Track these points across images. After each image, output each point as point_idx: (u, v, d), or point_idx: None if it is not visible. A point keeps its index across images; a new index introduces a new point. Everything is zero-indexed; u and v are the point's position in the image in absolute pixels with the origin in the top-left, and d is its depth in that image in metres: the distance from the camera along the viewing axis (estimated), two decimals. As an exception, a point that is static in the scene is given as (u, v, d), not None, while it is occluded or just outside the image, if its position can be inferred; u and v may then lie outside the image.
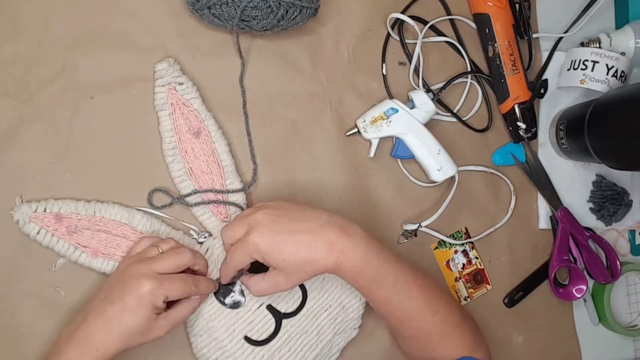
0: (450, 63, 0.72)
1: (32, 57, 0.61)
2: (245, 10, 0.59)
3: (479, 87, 0.72)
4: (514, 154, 0.72)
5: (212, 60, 0.65)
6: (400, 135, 0.67)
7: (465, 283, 0.71)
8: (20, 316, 0.59)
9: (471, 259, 0.71)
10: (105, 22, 0.63)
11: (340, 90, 0.69)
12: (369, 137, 0.67)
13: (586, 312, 0.74)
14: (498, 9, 0.69)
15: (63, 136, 0.61)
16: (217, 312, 0.60)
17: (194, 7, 0.61)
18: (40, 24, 0.61)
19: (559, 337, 0.73)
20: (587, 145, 0.65)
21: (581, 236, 0.72)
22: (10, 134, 0.60)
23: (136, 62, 0.63)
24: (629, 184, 0.76)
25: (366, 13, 0.70)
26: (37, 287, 0.60)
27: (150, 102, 0.63)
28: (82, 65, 0.62)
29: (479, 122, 0.72)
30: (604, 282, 0.72)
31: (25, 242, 0.59)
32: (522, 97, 0.70)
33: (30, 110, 0.61)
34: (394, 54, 0.70)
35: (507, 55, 0.69)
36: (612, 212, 0.74)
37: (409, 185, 0.70)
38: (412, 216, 0.70)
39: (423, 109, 0.67)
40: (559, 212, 0.72)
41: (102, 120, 0.62)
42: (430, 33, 0.71)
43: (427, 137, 0.67)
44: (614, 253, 0.71)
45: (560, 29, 0.75)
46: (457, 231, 0.71)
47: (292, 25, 0.62)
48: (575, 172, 0.74)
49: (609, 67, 0.68)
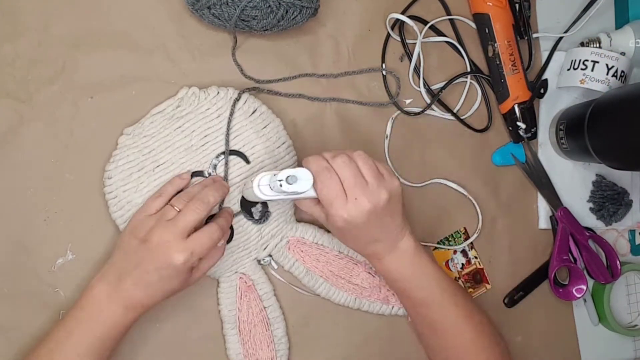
0: (450, 63, 0.72)
1: (32, 57, 0.61)
2: (245, 10, 0.59)
3: (479, 87, 0.72)
4: (514, 154, 0.72)
5: (213, 60, 0.65)
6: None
7: (465, 283, 0.71)
8: (21, 316, 0.59)
9: (470, 258, 0.71)
10: (105, 22, 0.63)
11: (340, 90, 0.69)
12: (266, 197, 0.60)
13: (586, 312, 0.74)
14: (498, 8, 0.69)
15: (63, 136, 0.61)
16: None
17: (193, 7, 0.61)
18: (40, 24, 0.61)
19: (558, 337, 0.73)
20: (587, 145, 0.65)
21: (581, 236, 0.72)
22: (10, 134, 0.60)
23: (136, 62, 0.63)
24: (629, 184, 0.76)
25: (366, 13, 0.70)
26: (37, 287, 0.60)
27: (150, 101, 0.62)
28: (82, 65, 0.62)
29: (479, 122, 0.72)
30: (604, 282, 0.72)
31: (25, 242, 0.60)
32: (522, 97, 0.70)
33: (30, 110, 0.61)
34: (394, 54, 0.70)
35: (507, 55, 0.69)
36: (612, 212, 0.74)
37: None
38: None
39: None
40: (559, 212, 0.72)
41: (102, 120, 0.62)
42: (430, 33, 0.71)
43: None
44: (614, 253, 0.71)
45: (560, 29, 0.75)
46: (456, 231, 0.71)
47: (292, 25, 0.62)
48: (575, 172, 0.74)
49: (609, 67, 0.68)
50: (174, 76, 0.64)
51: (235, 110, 0.62)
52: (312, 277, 0.65)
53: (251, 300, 0.63)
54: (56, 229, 0.61)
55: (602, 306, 0.73)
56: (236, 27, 0.62)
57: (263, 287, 0.64)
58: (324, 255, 0.65)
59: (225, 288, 0.63)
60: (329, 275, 0.65)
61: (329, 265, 0.65)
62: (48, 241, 0.60)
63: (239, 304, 0.63)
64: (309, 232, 0.65)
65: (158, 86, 0.63)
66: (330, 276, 0.65)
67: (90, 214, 0.61)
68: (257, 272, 0.64)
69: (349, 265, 0.65)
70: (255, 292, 0.64)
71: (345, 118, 0.68)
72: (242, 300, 0.63)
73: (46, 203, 0.61)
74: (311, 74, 0.67)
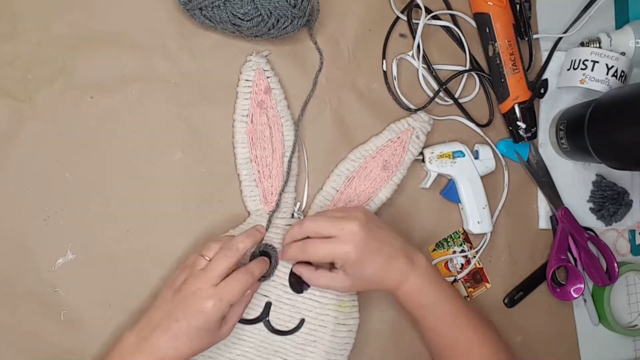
0: (450, 61, 0.72)
1: (32, 57, 0.61)
2: (236, 15, 0.59)
3: (481, 86, 0.72)
4: (517, 151, 0.72)
5: (213, 60, 0.65)
6: (457, 178, 0.68)
7: (465, 283, 0.71)
8: (20, 316, 0.59)
9: (469, 258, 0.71)
10: (105, 22, 0.63)
11: (340, 90, 0.69)
12: (431, 169, 0.68)
13: (586, 312, 0.74)
14: (498, 8, 0.69)
15: (63, 136, 0.61)
16: None
17: (185, 7, 0.61)
18: (40, 24, 0.61)
19: (558, 337, 0.73)
20: (587, 145, 0.65)
21: (581, 237, 0.72)
22: (10, 134, 0.60)
23: (136, 62, 0.63)
24: (629, 184, 0.76)
25: (366, 13, 0.70)
26: (37, 287, 0.60)
27: (150, 101, 0.63)
28: (82, 65, 0.62)
29: (478, 121, 0.72)
30: (601, 284, 0.72)
31: (26, 242, 0.60)
32: (522, 96, 0.70)
33: (30, 110, 0.61)
34: (394, 53, 0.70)
35: (507, 55, 0.69)
36: (612, 212, 0.74)
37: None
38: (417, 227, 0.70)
39: (485, 162, 0.70)
40: (559, 212, 0.72)
41: (102, 120, 0.62)
42: (430, 33, 0.71)
43: (480, 189, 0.69)
44: (612, 256, 0.71)
45: (560, 29, 0.75)
46: (455, 232, 0.71)
47: (282, 34, 0.62)
48: (575, 172, 0.74)
49: (609, 67, 0.68)
50: (174, 76, 0.64)
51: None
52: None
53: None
54: (56, 229, 0.61)
55: (602, 306, 0.73)
56: (226, 30, 0.62)
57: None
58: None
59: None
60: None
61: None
62: (48, 241, 0.60)
63: None
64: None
65: (158, 86, 0.63)
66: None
67: (90, 214, 0.61)
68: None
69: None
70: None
71: (346, 118, 0.68)
72: None
73: (46, 203, 0.61)
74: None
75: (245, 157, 0.63)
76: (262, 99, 0.63)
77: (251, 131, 0.63)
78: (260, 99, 0.63)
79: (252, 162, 0.63)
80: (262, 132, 0.63)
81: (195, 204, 0.64)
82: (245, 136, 0.63)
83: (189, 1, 0.60)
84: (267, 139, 0.63)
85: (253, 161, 0.63)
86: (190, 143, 0.64)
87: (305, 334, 0.62)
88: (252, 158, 0.63)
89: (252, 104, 0.63)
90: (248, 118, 0.63)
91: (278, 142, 0.64)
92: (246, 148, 0.63)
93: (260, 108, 0.63)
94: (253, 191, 0.63)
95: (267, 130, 0.63)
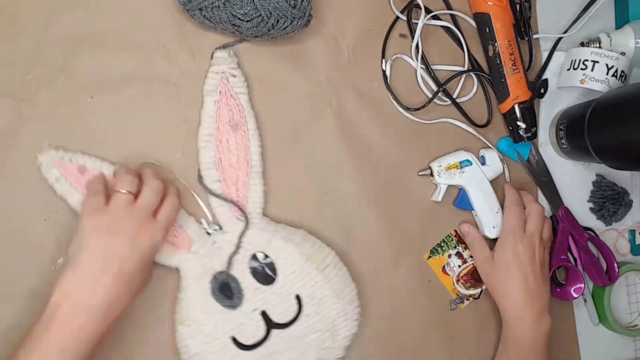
0: (450, 61, 0.72)
1: (32, 57, 0.61)
2: (236, 16, 0.59)
3: (480, 86, 0.72)
4: (518, 151, 0.72)
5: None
6: (467, 187, 0.69)
7: (465, 283, 0.71)
8: (20, 316, 0.59)
9: (466, 259, 0.71)
10: (105, 22, 0.63)
11: (340, 90, 0.69)
12: (440, 182, 0.68)
13: (586, 312, 0.74)
14: (498, 8, 0.69)
15: (63, 136, 0.61)
16: (211, 306, 0.61)
17: (185, 7, 0.61)
18: (40, 24, 0.61)
19: (559, 337, 0.73)
20: (587, 145, 0.65)
21: (581, 237, 0.72)
22: (10, 134, 0.60)
23: (136, 62, 0.63)
24: (629, 184, 0.76)
25: (366, 13, 0.70)
26: (37, 287, 0.60)
27: (150, 101, 0.63)
28: (82, 65, 0.62)
29: (478, 122, 0.72)
30: (601, 285, 0.72)
31: (26, 242, 0.59)
32: (522, 96, 0.70)
33: (30, 110, 0.61)
34: (394, 53, 0.70)
35: (507, 55, 0.69)
36: (612, 212, 0.74)
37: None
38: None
39: (492, 167, 0.70)
40: (559, 212, 0.72)
41: (102, 120, 0.62)
42: (430, 33, 0.71)
43: (491, 194, 0.69)
44: (612, 256, 0.71)
45: (560, 29, 0.75)
46: (447, 235, 0.71)
47: (282, 34, 0.62)
48: (575, 172, 0.74)
49: (609, 67, 0.68)
50: (174, 76, 0.64)
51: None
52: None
53: None
54: (56, 229, 0.60)
55: (602, 306, 0.73)
56: (226, 31, 0.62)
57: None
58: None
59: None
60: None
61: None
62: (48, 241, 0.60)
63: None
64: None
65: (158, 86, 0.63)
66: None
67: (90, 214, 0.61)
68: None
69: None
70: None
71: (346, 118, 0.68)
72: None
73: (46, 203, 0.60)
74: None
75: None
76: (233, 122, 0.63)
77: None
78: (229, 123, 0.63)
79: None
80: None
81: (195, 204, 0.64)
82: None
83: (189, 1, 0.60)
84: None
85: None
86: (191, 143, 0.64)
87: (309, 303, 0.62)
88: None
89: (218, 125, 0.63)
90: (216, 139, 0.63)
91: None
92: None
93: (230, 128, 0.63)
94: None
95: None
